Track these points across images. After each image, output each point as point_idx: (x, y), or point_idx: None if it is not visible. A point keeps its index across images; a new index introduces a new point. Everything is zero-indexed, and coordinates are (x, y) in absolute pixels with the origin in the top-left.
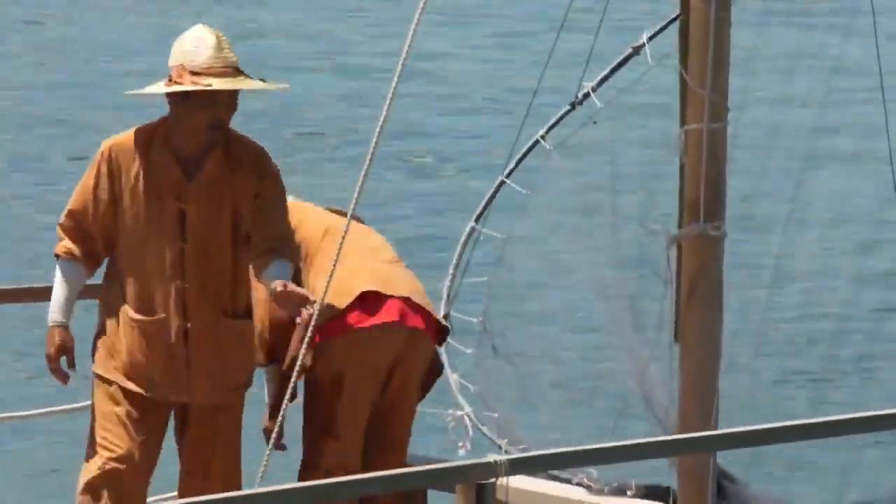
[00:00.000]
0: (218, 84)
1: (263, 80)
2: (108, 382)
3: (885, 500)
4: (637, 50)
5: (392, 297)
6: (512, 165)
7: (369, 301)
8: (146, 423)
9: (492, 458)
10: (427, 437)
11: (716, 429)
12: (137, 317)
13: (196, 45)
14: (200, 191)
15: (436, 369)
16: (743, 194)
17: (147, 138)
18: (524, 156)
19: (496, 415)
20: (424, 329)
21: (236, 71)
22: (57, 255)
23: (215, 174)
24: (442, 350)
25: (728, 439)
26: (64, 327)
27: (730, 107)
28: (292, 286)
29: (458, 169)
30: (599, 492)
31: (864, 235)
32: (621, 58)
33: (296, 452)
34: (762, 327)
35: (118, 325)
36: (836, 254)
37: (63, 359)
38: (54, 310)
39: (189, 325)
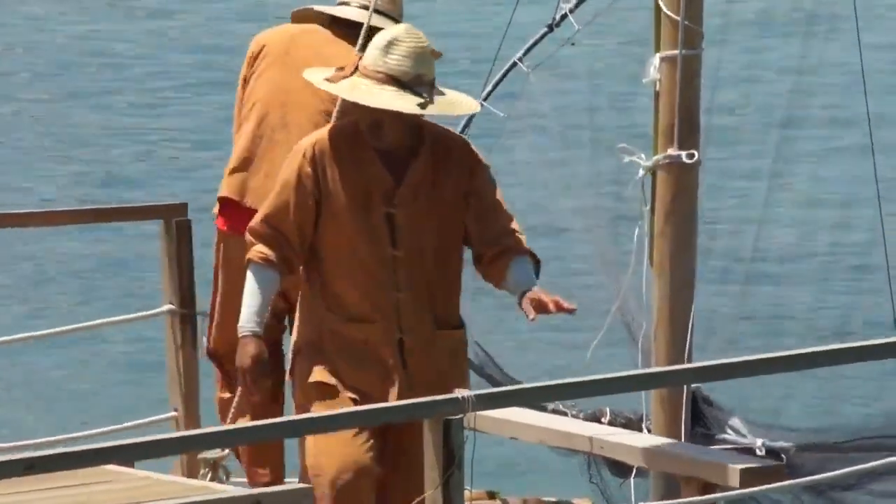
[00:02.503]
0: (348, 93)
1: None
2: (321, 395)
3: (878, 426)
4: None
5: None
6: (489, 88)
7: None
8: (364, 432)
9: (458, 393)
10: None
11: (690, 356)
12: (348, 327)
13: (378, 42)
14: (408, 194)
15: None
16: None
17: (350, 137)
18: (501, 78)
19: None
20: None
21: (401, 85)
22: (250, 261)
23: (422, 176)
24: None
25: (695, 373)
26: (258, 337)
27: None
28: (545, 296)
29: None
30: (575, 418)
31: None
32: None
33: None
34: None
35: (321, 335)
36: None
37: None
38: (247, 318)
39: (403, 337)
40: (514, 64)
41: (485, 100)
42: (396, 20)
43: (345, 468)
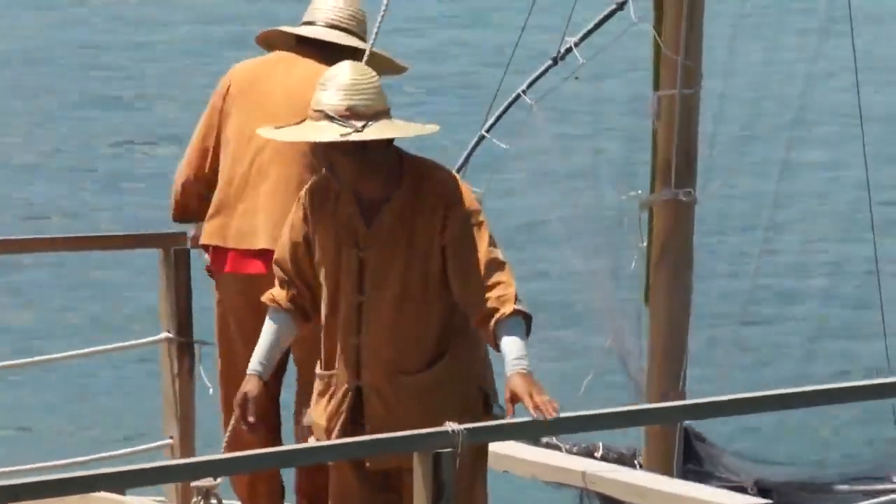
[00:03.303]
0: (279, 135)
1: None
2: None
3: (868, 468)
4: (621, 6)
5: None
6: (492, 120)
7: None
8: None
9: (449, 427)
10: None
11: (684, 392)
12: (319, 374)
13: (319, 81)
14: (376, 237)
15: None
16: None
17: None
18: (505, 110)
19: None
20: None
21: (331, 119)
22: (264, 304)
23: (393, 219)
24: None
25: (686, 410)
26: (258, 378)
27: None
28: (527, 397)
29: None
30: (568, 453)
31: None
32: (604, 13)
33: None
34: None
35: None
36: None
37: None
38: (253, 358)
39: (360, 382)
40: (518, 96)
41: (487, 131)
42: (362, 38)
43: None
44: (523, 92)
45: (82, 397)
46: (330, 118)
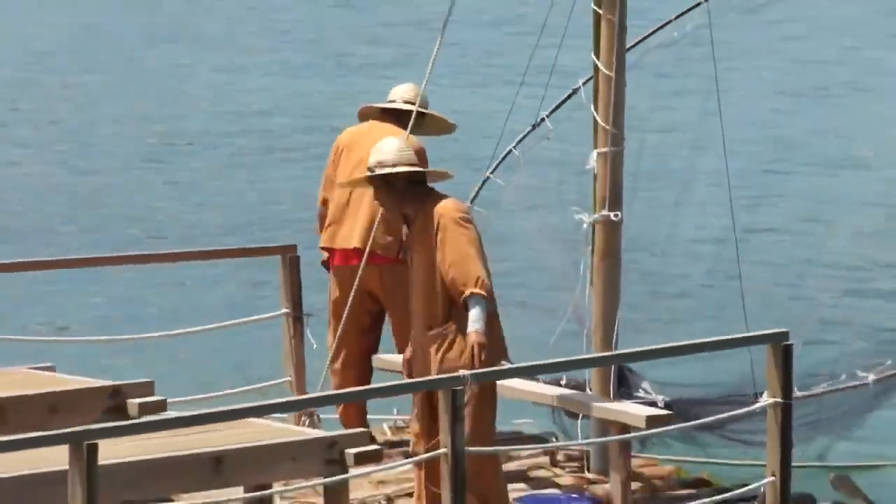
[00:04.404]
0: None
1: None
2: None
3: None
4: (575, 91)
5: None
6: (492, 169)
7: None
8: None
9: (461, 372)
10: None
11: (616, 345)
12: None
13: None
14: (412, 242)
15: None
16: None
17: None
18: (500, 162)
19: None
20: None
21: (370, 170)
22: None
23: (418, 231)
24: None
25: (616, 357)
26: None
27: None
28: (476, 346)
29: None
30: (545, 384)
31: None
32: (563, 98)
33: None
34: None
35: None
36: None
37: None
38: None
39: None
40: (510, 151)
41: (491, 173)
42: (424, 107)
43: (416, 422)
44: (513, 148)
45: (228, 355)
46: (370, 169)
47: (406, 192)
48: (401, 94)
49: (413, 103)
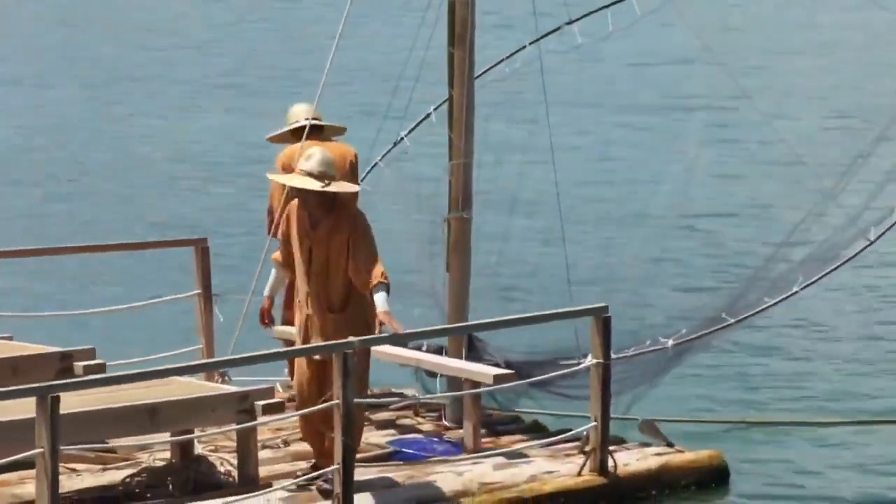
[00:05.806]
0: (288, 180)
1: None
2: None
3: (563, 352)
4: (427, 115)
5: None
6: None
7: None
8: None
9: (351, 339)
10: None
11: (466, 318)
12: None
13: (304, 155)
14: (318, 236)
15: None
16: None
17: (300, 204)
18: (368, 172)
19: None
20: None
21: (312, 176)
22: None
23: (328, 226)
24: None
25: (465, 328)
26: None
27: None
28: (385, 318)
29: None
30: (411, 349)
31: None
32: (418, 121)
33: None
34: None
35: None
36: None
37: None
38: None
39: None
40: (375, 164)
41: (361, 181)
42: (320, 120)
43: (304, 382)
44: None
45: (152, 326)
46: (311, 175)
47: (331, 201)
48: (301, 115)
49: (318, 119)
